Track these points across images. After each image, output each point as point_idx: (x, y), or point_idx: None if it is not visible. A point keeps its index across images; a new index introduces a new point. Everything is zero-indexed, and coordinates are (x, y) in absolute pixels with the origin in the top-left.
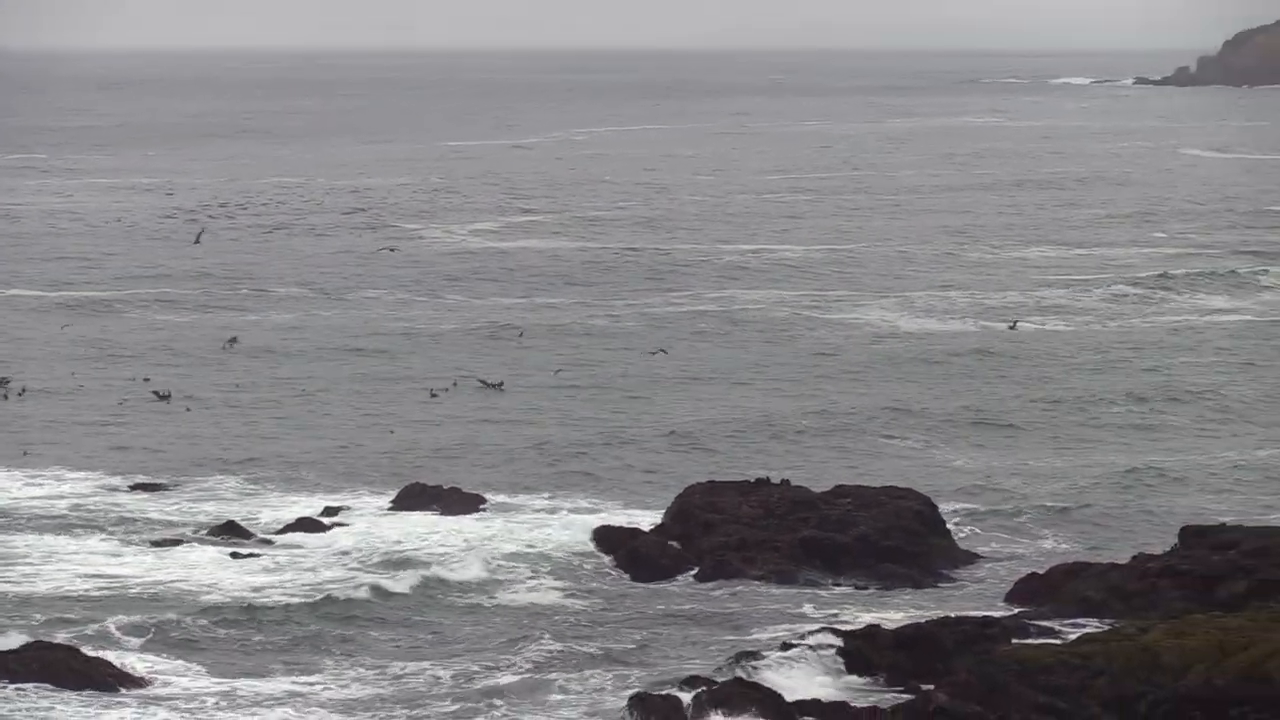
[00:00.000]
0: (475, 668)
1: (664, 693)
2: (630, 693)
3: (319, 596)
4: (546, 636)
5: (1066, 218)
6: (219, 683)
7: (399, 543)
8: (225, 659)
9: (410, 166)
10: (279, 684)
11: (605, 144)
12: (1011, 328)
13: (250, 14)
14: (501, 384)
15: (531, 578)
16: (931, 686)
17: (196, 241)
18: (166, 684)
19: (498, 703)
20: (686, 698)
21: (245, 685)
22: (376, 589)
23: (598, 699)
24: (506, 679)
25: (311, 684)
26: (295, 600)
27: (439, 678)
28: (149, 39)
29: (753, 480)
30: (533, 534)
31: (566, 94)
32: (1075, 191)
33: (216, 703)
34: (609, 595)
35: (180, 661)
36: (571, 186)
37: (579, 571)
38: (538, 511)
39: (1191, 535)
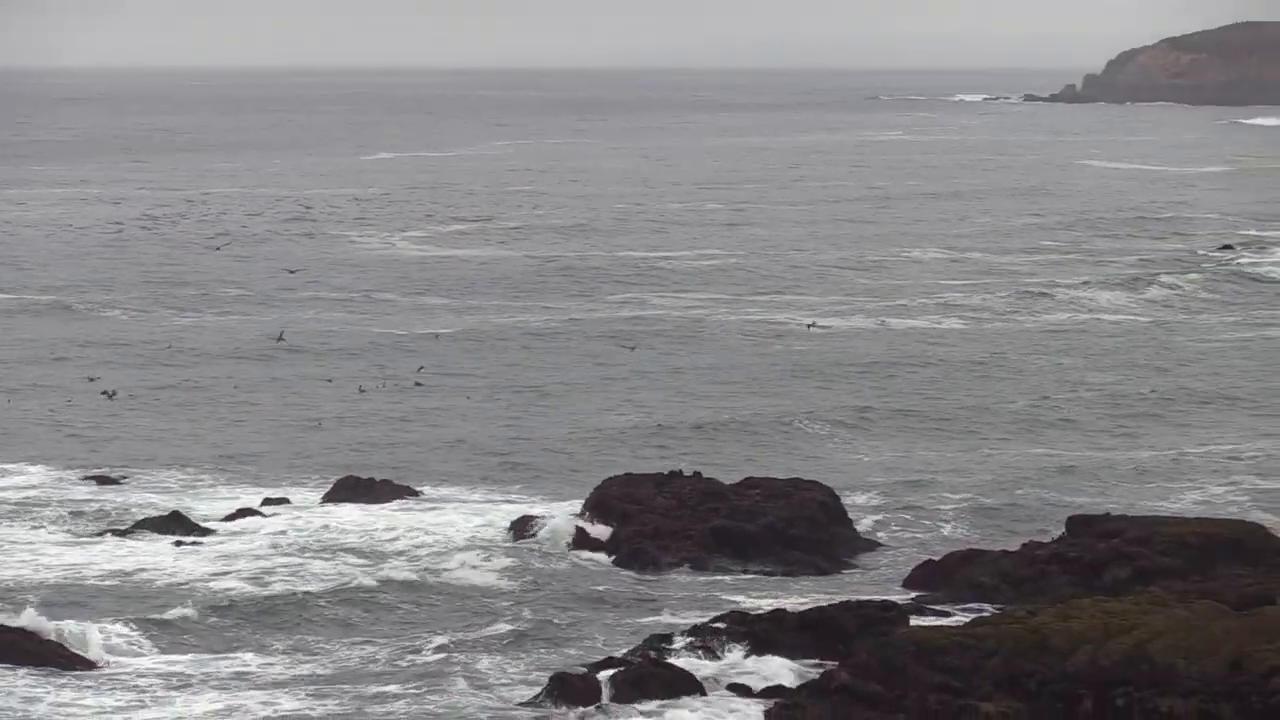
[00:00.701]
0: (405, 649)
1: (582, 673)
2: (550, 673)
3: (261, 583)
4: (472, 620)
5: (964, 225)
6: (168, 663)
7: (335, 531)
8: (173, 642)
9: (347, 178)
10: (225, 665)
11: (531, 157)
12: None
13: (209, 34)
14: (419, 383)
15: (458, 565)
16: (834, 666)
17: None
18: (117, 665)
19: (424, 683)
20: (604, 677)
21: (193, 666)
22: (315, 575)
23: (519, 678)
24: (434, 659)
25: (255, 664)
26: (240, 586)
27: (372, 657)
28: (111, 58)
29: (666, 473)
30: (459, 523)
31: (497, 110)
32: (970, 201)
33: (166, 682)
34: (531, 581)
35: (130, 644)
36: (499, 196)
37: (502, 559)
38: (463, 502)
39: (1078, 525)
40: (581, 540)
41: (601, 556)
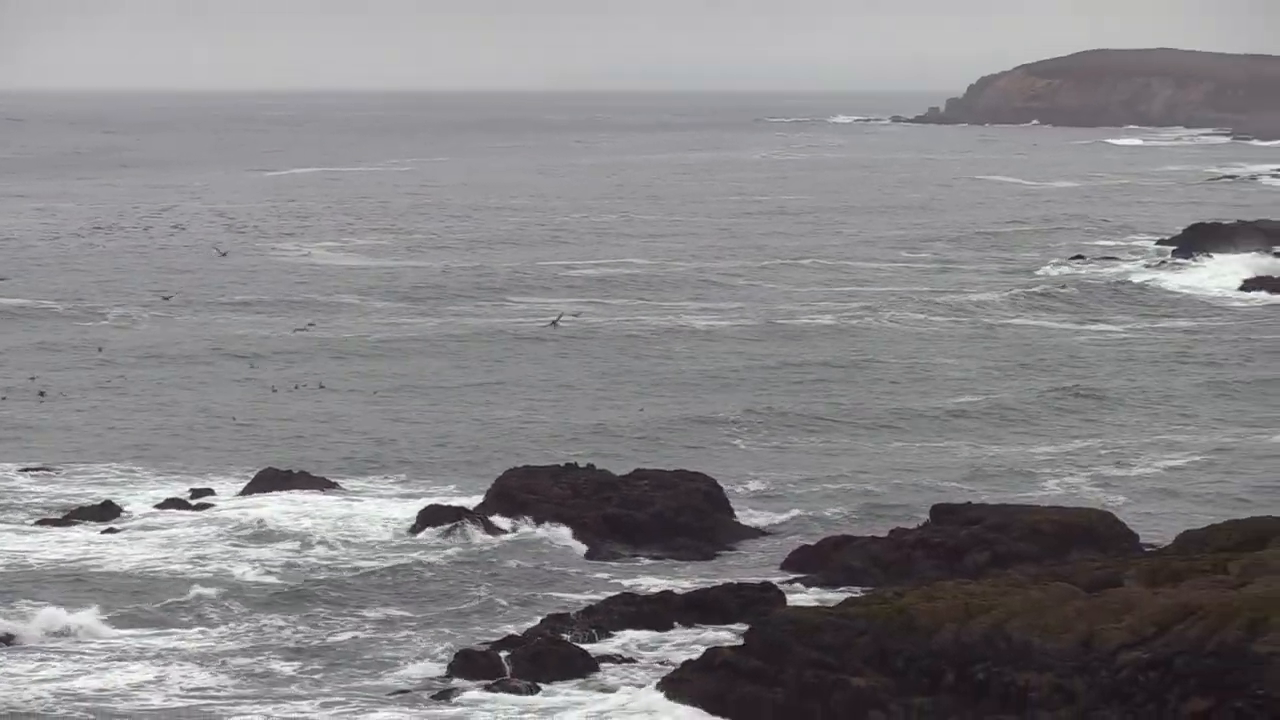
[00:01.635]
0: (321, 628)
1: (485, 650)
2: (456, 650)
3: (189, 566)
4: (384, 601)
5: (838, 237)
6: (101, 640)
7: (256, 520)
8: (107, 620)
9: (269, 192)
10: (155, 641)
11: (437, 172)
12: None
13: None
14: (297, 386)
15: (371, 550)
16: (718, 643)
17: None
18: (52, 642)
19: (336, 660)
20: (505, 654)
21: (125, 640)
22: (240, 559)
23: (427, 654)
24: (347, 636)
25: (181, 639)
26: (169, 569)
27: (288, 636)
28: (50, 81)
29: (563, 465)
30: (372, 513)
31: (407, 130)
32: (845, 214)
33: (97, 657)
34: (437, 566)
35: (65, 623)
36: (409, 210)
37: (412, 545)
38: (375, 494)
39: (942, 513)
40: (486, 527)
41: (504, 542)
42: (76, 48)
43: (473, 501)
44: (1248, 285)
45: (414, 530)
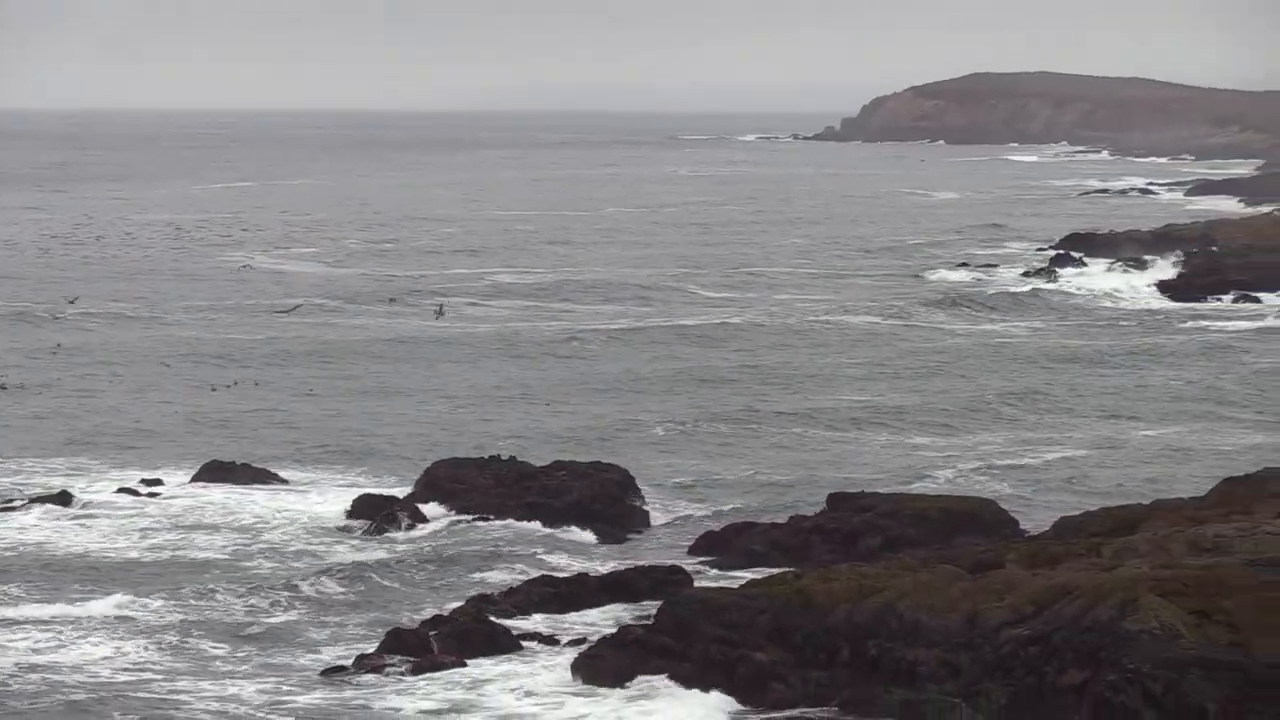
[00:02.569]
0: (258, 611)
1: (415, 628)
2: (386, 629)
3: (139, 550)
4: (319, 584)
5: (745, 245)
6: (53, 615)
7: (202, 508)
8: (60, 598)
9: (209, 204)
10: (98, 617)
11: (360, 186)
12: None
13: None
14: (236, 383)
15: (309, 536)
16: (629, 622)
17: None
18: (6, 619)
19: (272, 640)
20: (433, 633)
21: (73, 614)
22: (188, 543)
23: (359, 634)
24: (280, 619)
25: (126, 615)
26: (118, 551)
27: (223, 617)
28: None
29: (487, 458)
30: (309, 502)
31: (340, 148)
32: (746, 226)
33: (58, 631)
34: (371, 550)
35: (18, 599)
36: (340, 220)
37: (346, 532)
38: (312, 484)
39: (837, 500)
40: (415, 515)
41: (433, 529)
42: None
43: (403, 491)
44: (1120, 288)
45: (348, 518)
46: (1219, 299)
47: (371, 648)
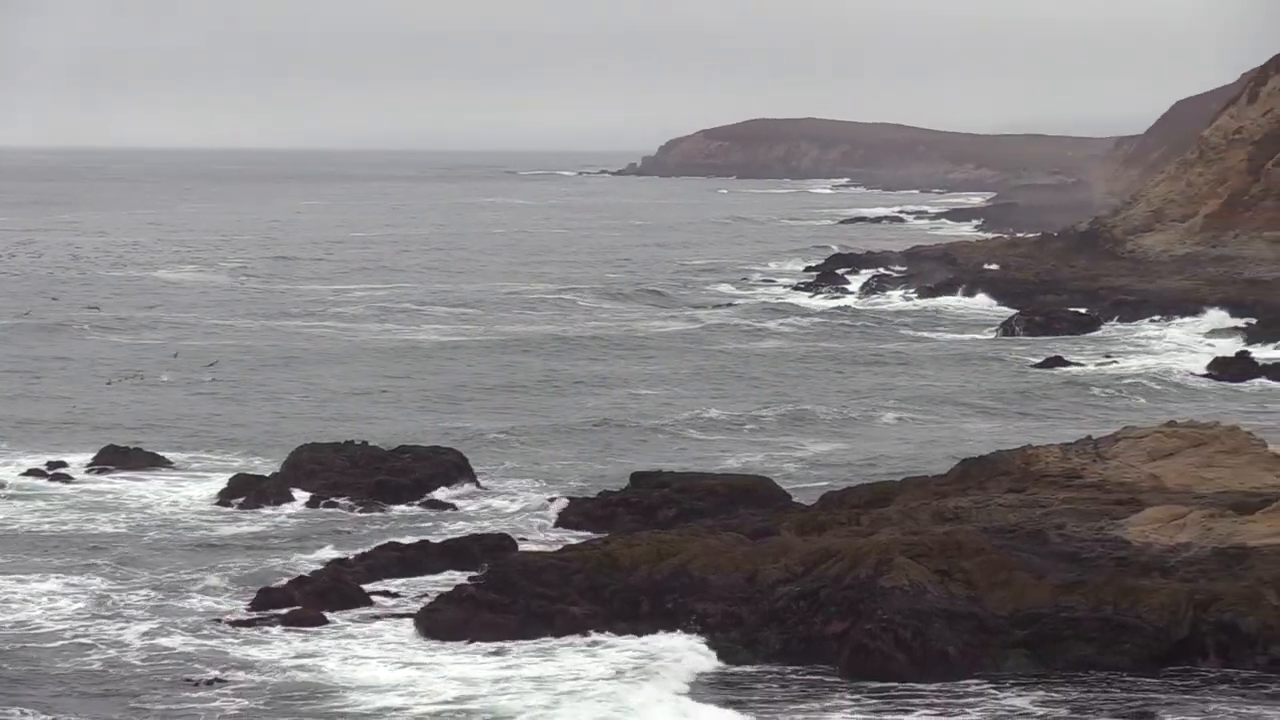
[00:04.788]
0: (143, 574)
1: (282, 586)
2: (258, 588)
3: (47, 528)
4: (199, 553)
5: (561, 266)
6: None
7: (100, 488)
8: None
9: (131, 228)
10: (18, 589)
11: (242, 213)
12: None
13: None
14: (142, 376)
15: (192, 511)
16: (463, 582)
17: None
18: None
19: (158, 599)
20: (297, 591)
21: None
22: (89, 521)
23: (237, 593)
24: (165, 577)
25: (42, 589)
26: (27, 527)
27: (112, 576)
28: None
29: (343, 442)
30: (191, 482)
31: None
32: (565, 248)
33: None
34: (245, 524)
35: None
36: (227, 243)
37: (223, 507)
38: (197, 467)
39: (640, 478)
40: (281, 493)
41: (297, 506)
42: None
43: (271, 470)
44: (863, 295)
45: (223, 496)
46: (956, 304)
47: (245, 604)
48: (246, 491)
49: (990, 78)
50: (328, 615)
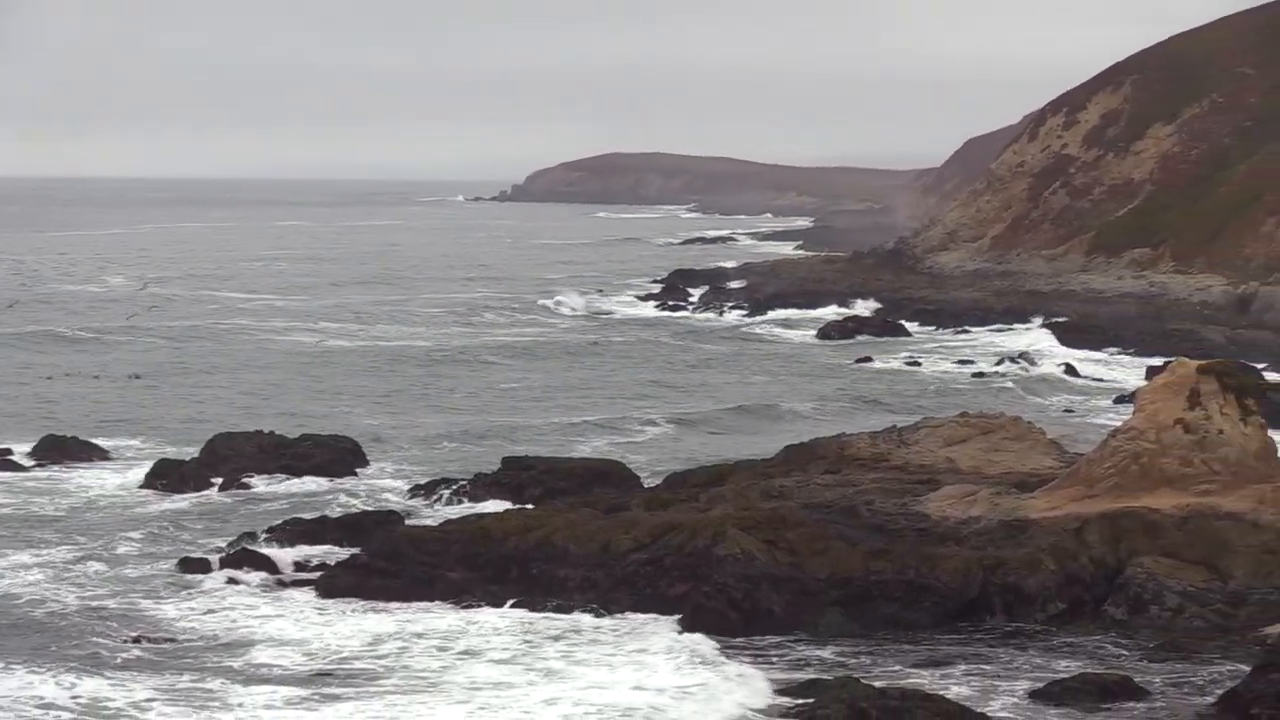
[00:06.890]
0: (78, 548)
1: (200, 556)
2: (179, 557)
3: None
4: (126, 530)
5: (456, 281)
6: None
7: (37, 472)
8: None
9: (66, 248)
10: None
11: (161, 234)
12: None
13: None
14: (67, 373)
15: (124, 492)
16: (357, 552)
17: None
18: None
19: (92, 572)
20: (214, 559)
21: None
22: (33, 503)
23: (156, 565)
24: (97, 546)
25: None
26: None
27: (68, 551)
28: None
29: (254, 431)
30: (121, 468)
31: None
32: (448, 264)
33: None
34: (168, 502)
35: None
36: (137, 258)
37: (148, 489)
38: (126, 453)
39: (510, 462)
40: (200, 476)
41: (213, 491)
42: None
43: (191, 455)
44: (700, 307)
45: (149, 478)
46: (782, 314)
47: (169, 567)
48: (170, 475)
49: (811, 118)
50: (240, 579)
